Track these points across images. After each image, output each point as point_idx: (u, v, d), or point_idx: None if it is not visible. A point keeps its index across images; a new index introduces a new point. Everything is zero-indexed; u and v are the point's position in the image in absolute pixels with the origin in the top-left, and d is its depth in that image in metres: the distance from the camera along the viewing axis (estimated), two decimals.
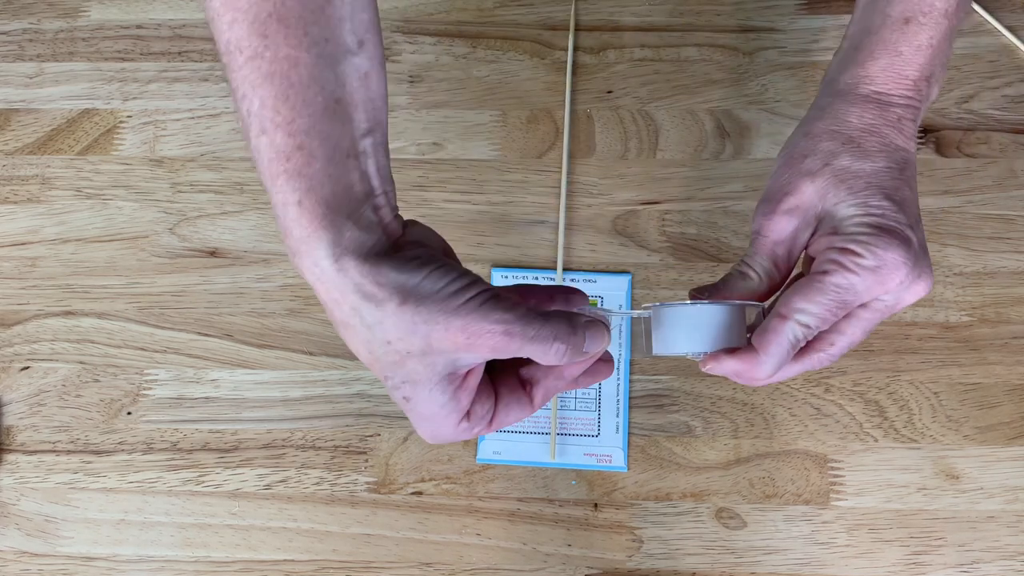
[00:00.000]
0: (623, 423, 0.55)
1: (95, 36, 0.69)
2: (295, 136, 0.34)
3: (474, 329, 0.35)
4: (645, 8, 0.68)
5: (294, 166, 0.34)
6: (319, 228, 0.34)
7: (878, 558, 0.52)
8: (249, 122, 0.34)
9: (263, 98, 0.33)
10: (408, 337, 0.35)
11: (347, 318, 0.35)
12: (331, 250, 0.34)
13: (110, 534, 0.54)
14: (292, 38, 0.33)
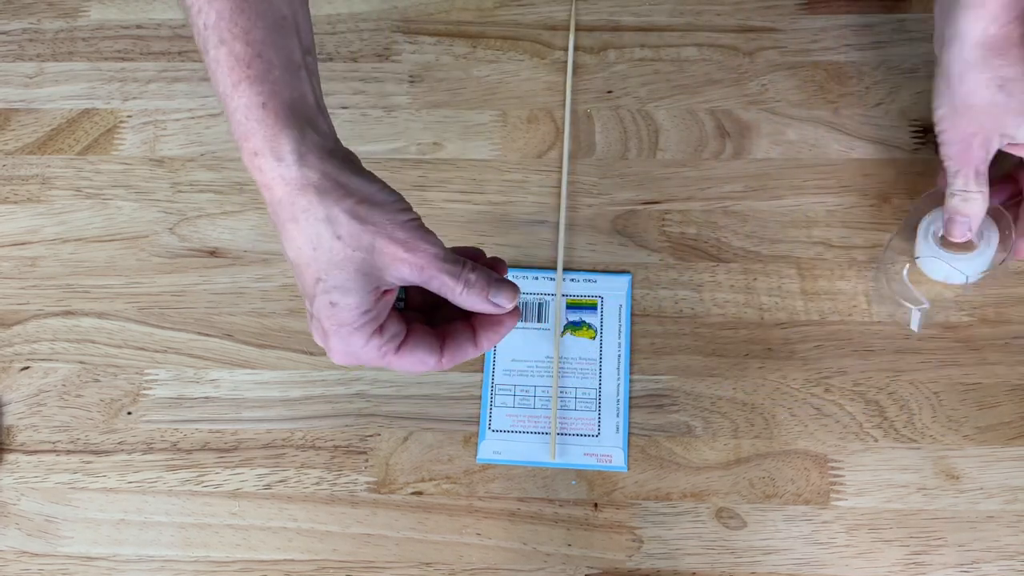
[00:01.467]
0: (623, 423, 0.55)
1: (95, 36, 0.69)
2: (253, 45, 0.36)
3: (412, 245, 0.38)
4: (645, 8, 0.68)
5: (255, 72, 0.36)
6: (284, 127, 0.37)
7: (878, 558, 0.52)
8: (206, 35, 0.36)
9: (220, 11, 0.36)
10: (359, 236, 0.38)
11: (298, 213, 0.37)
12: (296, 146, 0.37)
13: (110, 534, 0.54)
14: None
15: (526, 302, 0.59)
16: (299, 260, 0.39)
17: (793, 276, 0.59)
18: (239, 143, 0.38)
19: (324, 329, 0.40)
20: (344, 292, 0.38)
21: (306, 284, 0.39)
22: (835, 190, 0.61)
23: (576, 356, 0.57)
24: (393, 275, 0.39)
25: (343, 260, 0.38)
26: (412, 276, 0.39)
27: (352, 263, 0.38)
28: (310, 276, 0.39)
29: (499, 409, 0.56)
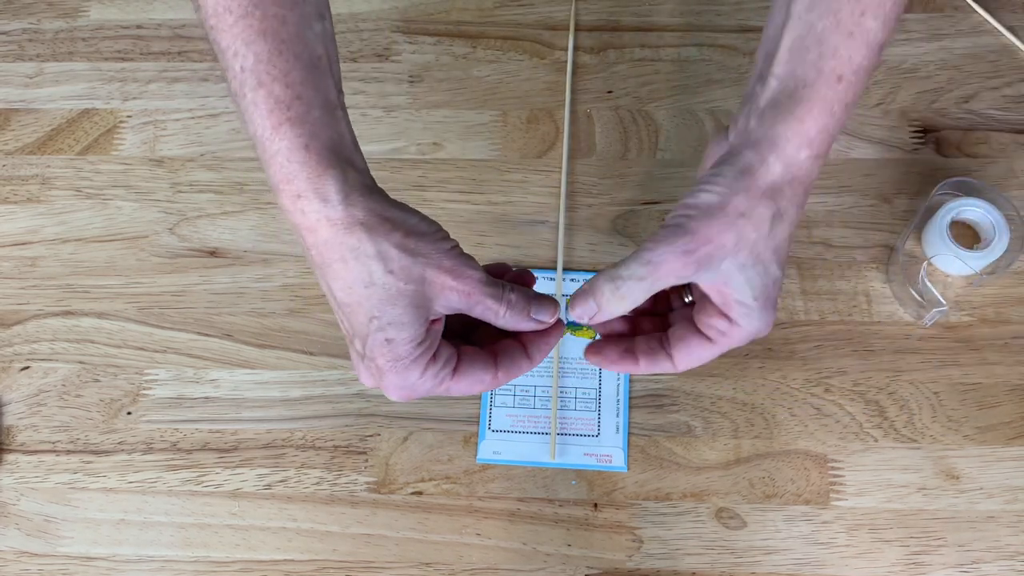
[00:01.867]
0: (623, 423, 0.55)
1: (95, 36, 0.69)
2: (292, 87, 0.36)
3: (458, 272, 0.39)
4: (645, 8, 0.68)
5: (296, 114, 0.36)
6: (328, 168, 0.36)
7: (878, 558, 0.52)
8: (243, 78, 0.36)
9: (258, 53, 0.36)
10: (410, 268, 0.38)
11: (347, 253, 0.37)
12: (340, 186, 0.37)
13: (110, 534, 0.54)
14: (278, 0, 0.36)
15: None
16: (349, 299, 0.38)
17: (793, 276, 0.59)
18: (278, 186, 0.37)
19: (379, 367, 0.40)
20: (399, 327, 0.39)
21: (357, 323, 0.39)
22: (835, 190, 0.61)
23: (576, 356, 0.57)
24: (442, 304, 0.39)
25: (396, 295, 0.38)
26: (459, 303, 0.40)
27: (405, 296, 0.38)
28: (362, 315, 0.39)
29: (499, 409, 0.56)
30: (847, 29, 0.37)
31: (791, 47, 0.39)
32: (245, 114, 0.37)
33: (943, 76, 0.64)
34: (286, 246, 0.61)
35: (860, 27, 0.37)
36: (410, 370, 0.40)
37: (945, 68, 0.65)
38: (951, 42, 0.66)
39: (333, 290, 0.39)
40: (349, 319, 0.39)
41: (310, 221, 0.37)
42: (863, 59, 0.37)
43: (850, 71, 0.37)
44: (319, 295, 0.60)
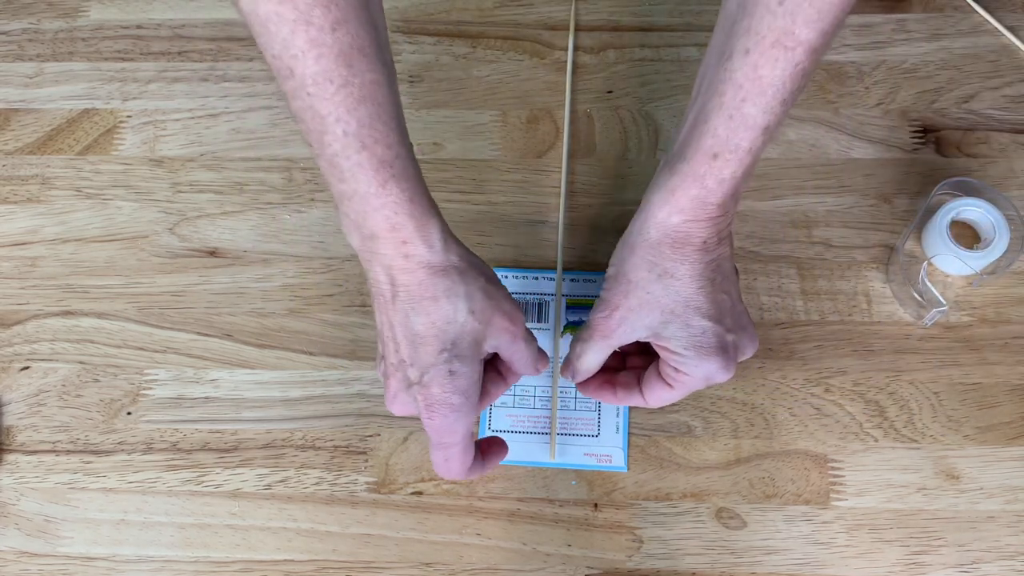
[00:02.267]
0: (623, 423, 0.55)
1: (95, 36, 0.69)
2: (392, 147, 0.39)
3: (514, 317, 0.45)
4: (645, 8, 0.68)
5: (398, 171, 0.39)
6: (430, 217, 0.41)
7: (878, 558, 0.52)
8: (347, 142, 0.38)
9: (360, 119, 0.38)
10: (486, 310, 0.43)
11: (439, 292, 0.42)
12: (440, 234, 0.41)
13: (110, 534, 0.54)
14: (371, 64, 0.38)
15: (526, 301, 0.59)
16: (427, 332, 0.42)
17: (793, 276, 0.59)
18: (381, 234, 0.40)
19: (431, 395, 0.43)
20: (463, 360, 0.43)
21: (425, 354, 0.43)
22: (835, 190, 0.61)
23: None
24: (491, 343, 0.44)
25: (469, 332, 0.43)
26: (505, 344, 0.45)
27: (473, 334, 0.43)
28: (434, 347, 0.43)
29: (499, 409, 0.56)
30: (727, 112, 0.40)
31: (691, 122, 0.43)
32: (346, 173, 0.39)
33: (943, 76, 0.64)
34: (286, 246, 0.61)
35: (739, 112, 0.40)
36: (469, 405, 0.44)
37: (945, 68, 0.65)
38: (951, 42, 0.66)
39: (413, 324, 0.42)
40: (416, 349, 0.43)
41: (411, 264, 0.41)
42: (742, 140, 0.40)
43: (727, 150, 0.41)
44: (319, 295, 0.60)
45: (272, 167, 0.64)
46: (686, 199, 0.42)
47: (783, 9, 0.37)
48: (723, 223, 0.44)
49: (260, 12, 0.36)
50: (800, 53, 0.37)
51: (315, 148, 0.40)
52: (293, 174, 0.64)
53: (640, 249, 0.45)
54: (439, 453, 0.46)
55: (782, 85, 0.38)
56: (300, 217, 0.62)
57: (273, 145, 0.65)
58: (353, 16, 0.37)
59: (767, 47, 0.38)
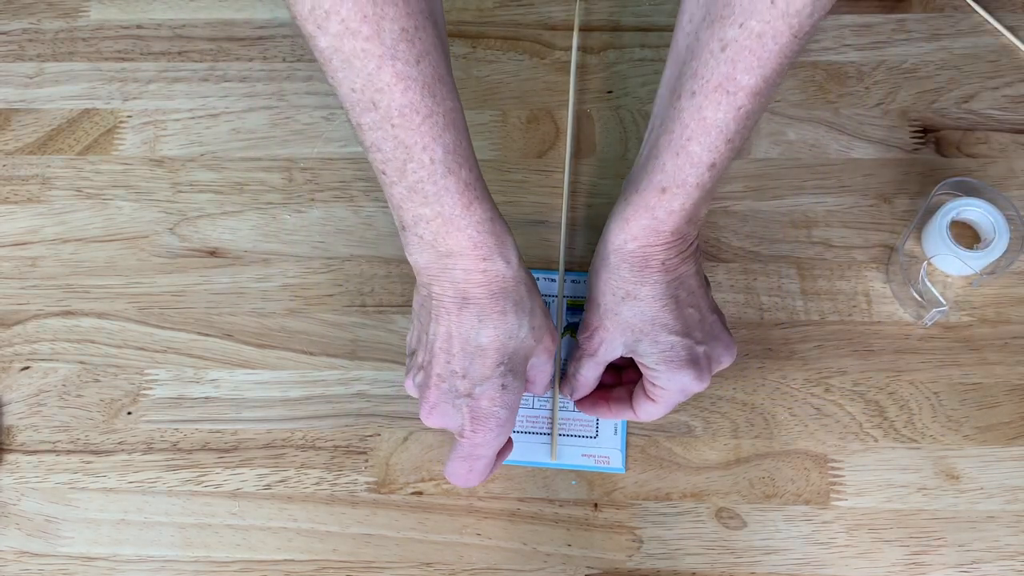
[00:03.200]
0: (621, 425, 0.55)
1: (95, 36, 0.69)
2: (473, 170, 0.41)
3: (554, 336, 0.47)
4: (645, 8, 0.68)
5: (481, 192, 0.41)
6: (507, 235, 0.43)
7: (878, 558, 0.52)
8: (433, 168, 0.39)
9: (445, 145, 0.39)
10: (541, 327, 0.46)
11: (508, 306, 0.43)
12: (515, 251, 0.44)
13: (110, 534, 0.54)
14: (451, 92, 0.39)
15: None
16: (491, 345, 0.44)
17: (793, 276, 0.59)
18: (464, 252, 0.42)
19: (480, 407, 0.45)
20: (515, 375, 0.45)
21: (482, 366, 0.44)
22: (835, 190, 0.61)
23: None
24: (532, 361, 0.47)
25: (524, 347, 0.45)
26: (543, 361, 0.48)
27: (526, 350, 0.46)
28: (494, 359, 0.44)
29: None
30: (675, 150, 0.41)
31: (645, 155, 0.44)
32: (430, 198, 0.40)
33: (943, 76, 0.64)
34: (286, 246, 0.61)
35: (685, 150, 0.41)
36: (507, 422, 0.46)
37: (945, 68, 0.65)
38: (951, 42, 0.66)
39: (479, 336, 0.44)
40: (473, 361, 0.44)
41: (488, 278, 0.43)
42: (688, 176, 0.42)
43: (675, 184, 0.42)
44: (319, 295, 0.60)
45: (272, 167, 0.64)
46: (639, 227, 0.44)
47: (725, 56, 0.38)
48: (682, 245, 0.45)
49: (345, 49, 0.36)
50: (742, 97, 0.39)
51: (391, 176, 0.40)
52: (293, 174, 0.64)
53: (603, 274, 0.47)
54: (465, 464, 0.47)
55: (725, 126, 0.40)
56: (300, 217, 0.62)
57: (273, 145, 0.65)
58: (433, 47, 0.38)
59: (710, 90, 0.39)
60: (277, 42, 0.68)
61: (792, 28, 0.36)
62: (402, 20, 0.36)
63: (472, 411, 0.45)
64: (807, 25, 0.37)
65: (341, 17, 0.35)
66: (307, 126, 0.65)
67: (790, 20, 0.36)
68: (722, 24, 0.38)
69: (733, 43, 0.37)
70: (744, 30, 0.37)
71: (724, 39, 0.38)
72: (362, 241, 0.61)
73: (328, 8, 0.35)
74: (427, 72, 0.38)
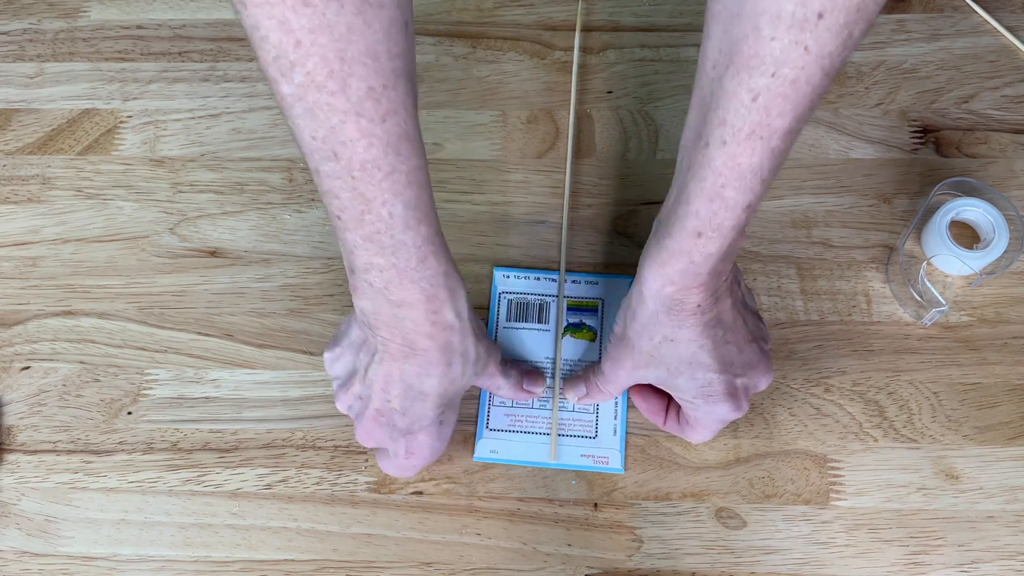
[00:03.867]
0: (621, 425, 0.55)
1: (95, 36, 0.69)
2: (432, 225, 0.41)
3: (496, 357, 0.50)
4: (645, 8, 0.68)
5: (438, 247, 0.42)
6: (459, 288, 0.44)
7: (877, 558, 0.52)
8: (392, 223, 0.39)
9: (406, 201, 0.39)
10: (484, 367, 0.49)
11: (454, 357, 0.45)
12: (465, 304, 0.45)
13: (110, 534, 0.54)
14: (416, 150, 0.39)
15: (527, 302, 0.59)
16: (432, 392, 0.46)
17: (793, 276, 0.59)
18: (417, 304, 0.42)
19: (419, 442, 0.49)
20: (452, 410, 0.49)
21: (423, 409, 0.47)
22: (835, 190, 0.61)
23: (575, 357, 0.57)
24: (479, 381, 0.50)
25: (464, 385, 0.48)
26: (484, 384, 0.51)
27: (466, 386, 0.48)
28: (434, 403, 0.47)
29: (497, 408, 0.56)
30: (708, 196, 0.41)
31: (674, 199, 0.44)
32: (385, 250, 0.40)
33: (943, 76, 0.64)
34: (286, 246, 0.61)
35: (720, 196, 0.40)
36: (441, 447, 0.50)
37: (945, 68, 0.65)
38: (951, 42, 0.66)
39: (422, 384, 0.45)
40: (413, 403, 0.46)
41: (437, 331, 0.44)
42: (724, 220, 0.41)
43: (710, 229, 0.41)
44: (319, 295, 0.60)
45: (272, 167, 0.64)
46: (676, 272, 0.44)
47: (757, 105, 0.37)
48: (718, 282, 0.45)
49: (308, 99, 0.35)
50: (776, 140, 0.38)
51: (347, 224, 0.40)
52: (293, 174, 0.64)
53: (640, 317, 0.47)
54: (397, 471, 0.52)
55: (760, 167, 0.39)
56: (300, 217, 0.62)
57: (273, 145, 0.65)
58: (401, 105, 0.37)
59: (743, 138, 0.38)
60: None
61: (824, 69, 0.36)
62: (370, 79, 0.35)
63: (409, 445, 0.49)
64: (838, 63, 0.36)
65: (307, 70, 0.34)
66: None
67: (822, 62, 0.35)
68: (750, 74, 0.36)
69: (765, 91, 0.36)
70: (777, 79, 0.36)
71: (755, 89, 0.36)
72: None
73: (293, 60, 0.34)
74: (392, 131, 0.37)
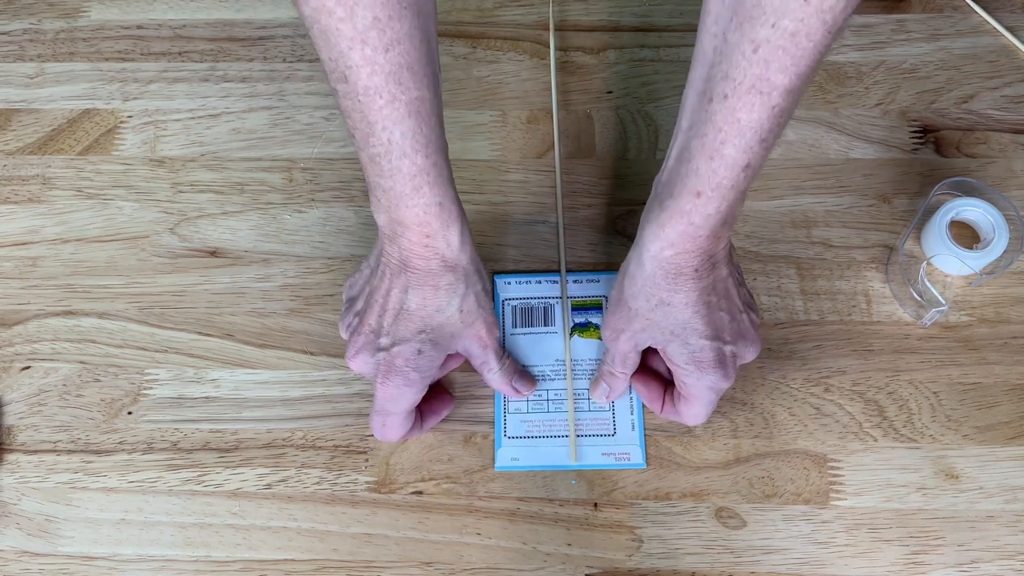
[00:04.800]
0: (638, 420, 0.55)
1: (95, 36, 0.69)
2: (430, 156, 0.43)
3: (491, 330, 0.51)
4: (645, 8, 0.68)
5: (434, 179, 0.43)
6: (454, 222, 0.45)
7: (877, 558, 0.52)
8: (390, 148, 0.42)
9: (404, 131, 0.41)
10: (472, 313, 0.49)
11: (441, 283, 0.47)
12: (460, 237, 0.46)
13: (111, 534, 0.54)
14: (419, 81, 0.40)
15: (531, 306, 0.59)
16: (416, 312, 0.48)
17: (793, 276, 0.59)
18: (411, 226, 0.44)
19: (395, 366, 0.48)
20: (434, 346, 0.49)
21: (404, 329, 0.48)
22: (834, 190, 0.61)
23: (585, 357, 0.57)
24: (463, 344, 0.51)
25: (450, 324, 0.49)
26: (475, 350, 0.52)
27: (452, 328, 0.49)
28: (416, 325, 0.48)
29: (513, 416, 0.56)
30: (708, 153, 0.41)
31: (675, 157, 0.44)
32: (385, 172, 0.43)
33: (942, 76, 0.65)
34: (286, 246, 0.61)
35: (719, 153, 0.41)
36: (415, 389, 0.50)
37: (944, 68, 0.65)
38: (950, 42, 0.66)
39: (408, 300, 0.47)
40: (398, 322, 0.48)
41: (428, 254, 0.46)
42: (723, 179, 0.41)
43: (710, 188, 0.42)
44: (319, 295, 0.60)
45: (272, 167, 0.64)
46: (675, 233, 0.44)
47: (757, 57, 0.37)
48: (715, 248, 0.45)
49: (322, 22, 0.38)
50: (776, 96, 0.38)
51: (358, 142, 0.43)
52: (293, 174, 0.64)
53: (638, 280, 0.47)
54: (379, 418, 0.51)
55: (760, 126, 0.39)
56: (300, 217, 0.62)
57: (273, 145, 0.65)
58: (407, 36, 0.39)
59: (743, 92, 0.38)
60: (277, 42, 0.68)
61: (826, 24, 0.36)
62: (376, 8, 0.37)
63: (387, 365, 0.48)
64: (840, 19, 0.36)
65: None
66: (307, 126, 0.65)
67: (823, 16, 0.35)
68: (752, 25, 0.37)
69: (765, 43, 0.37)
70: (777, 30, 0.36)
71: (756, 40, 0.37)
72: (362, 241, 0.61)
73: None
74: (395, 61, 0.39)
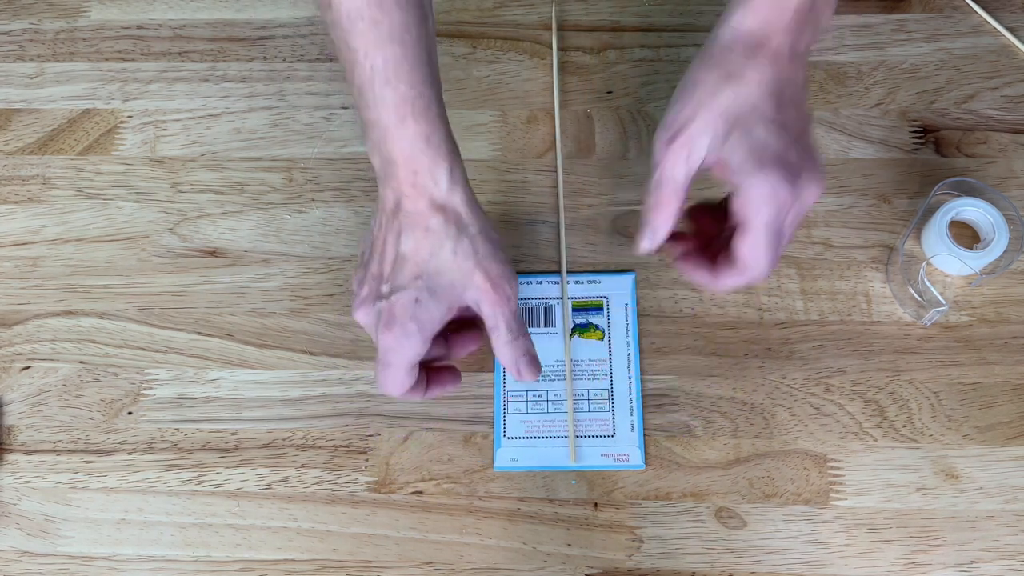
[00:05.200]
0: (637, 421, 0.55)
1: (95, 36, 0.69)
2: (415, 86, 0.42)
3: (498, 284, 0.47)
4: (645, 8, 0.68)
5: (419, 109, 0.42)
6: (444, 157, 0.44)
7: (877, 558, 0.52)
8: (372, 76, 0.41)
9: (386, 56, 0.41)
10: (467, 259, 0.46)
11: (432, 224, 0.45)
12: (449, 175, 0.44)
13: (111, 534, 0.54)
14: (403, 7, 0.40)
15: (531, 307, 0.59)
16: (411, 256, 0.46)
17: (793, 276, 0.59)
18: (398, 162, 0.44)
19: (393, 314, 0.46)
20: (432, 295, 0.46)
21: (402, 274, 0.46)
22: (834, 190, 0.61)
23: (585, 358, 0.57)
24: (471, 296, 0.47)
25: (447, 270, 0.46)
26: (483, 306, 0.47)
27: (451, 276, 0.46)
28: (413, 270, 0.46)
29: (512, 416, 0.56)
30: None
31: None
32: (371, 103, 0.42)
33: (942, 76, 0.64)
34: (286, 246, 0.61)
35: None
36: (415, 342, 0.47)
37: (944, 68, 0.65)
38: (950, 42, 0.66)
39: (402, 244, 0.46)
40: (396, 269, 0.46)
41: (417, 192, 0.44)
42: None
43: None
44: (319, 295, 0.60)
45: (272, 167, 0.64)
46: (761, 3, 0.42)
47: None
48: (798, 38, 0.42)
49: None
50: None
51: (348, 77, 0.43)
52: (293, 174, 0.64)
53: (710, 52, 0.44)
54: (381, 370, 0.49)
55: None
56: (300, 217, 0.62)
57: (273, 145, 0.65)
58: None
59: None
60: (277, 42, 0.68)
61: None
62: None
63: (386, 314, 0.47)
64: None
65: None
66: (307, 126, 0.65)
67: None
68: None
69: None
70: None
71: None
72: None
73: None
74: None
